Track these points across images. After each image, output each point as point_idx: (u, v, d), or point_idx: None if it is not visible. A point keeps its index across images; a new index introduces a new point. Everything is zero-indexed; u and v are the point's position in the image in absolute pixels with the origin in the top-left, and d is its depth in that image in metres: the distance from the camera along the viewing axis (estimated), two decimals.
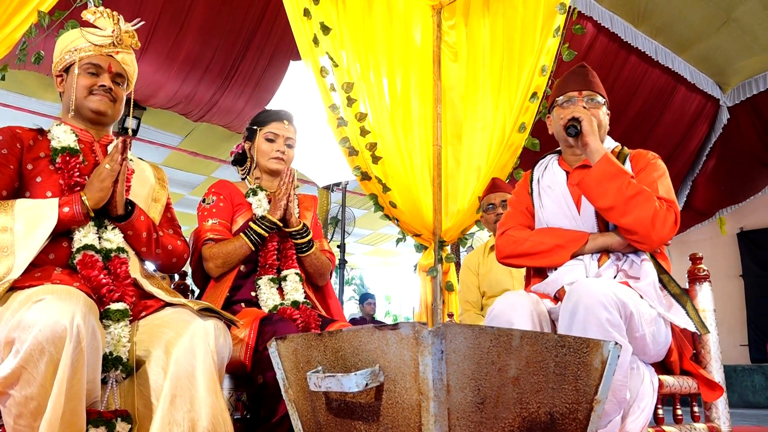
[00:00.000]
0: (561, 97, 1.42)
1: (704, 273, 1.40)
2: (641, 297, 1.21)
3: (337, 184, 4.18)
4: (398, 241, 2.77)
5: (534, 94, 2.50)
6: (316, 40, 2.42)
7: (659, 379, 1.20)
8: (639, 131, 4.84)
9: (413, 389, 0.74)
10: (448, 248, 2.73)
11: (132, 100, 1.42)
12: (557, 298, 1.30)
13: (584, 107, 1.38)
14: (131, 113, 1.45)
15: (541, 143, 2.53)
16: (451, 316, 2.62)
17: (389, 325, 0.76)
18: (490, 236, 2.47)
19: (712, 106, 5.16)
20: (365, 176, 2.53)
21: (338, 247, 3.83)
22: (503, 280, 2.26)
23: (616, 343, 0.83)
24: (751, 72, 5.01)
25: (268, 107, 2.81)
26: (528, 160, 2.45)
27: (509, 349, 0.78)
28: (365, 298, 5.95)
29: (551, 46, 2.45)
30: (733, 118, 5.22)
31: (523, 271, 2.24)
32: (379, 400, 0.79)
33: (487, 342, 0.76)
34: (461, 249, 3.62)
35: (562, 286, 1.28)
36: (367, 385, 0.77)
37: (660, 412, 1.22)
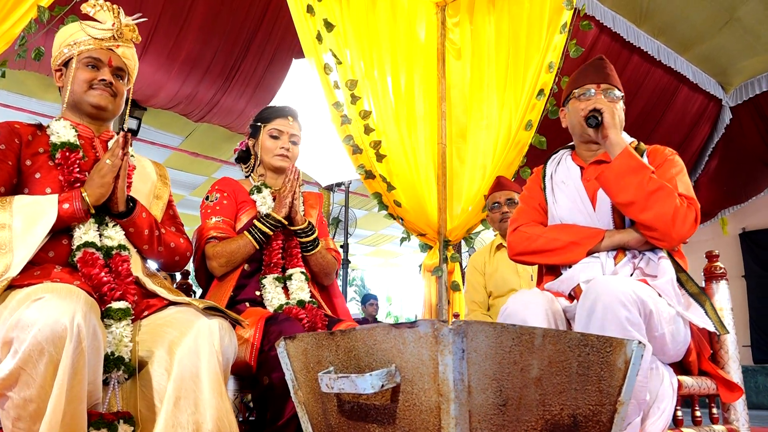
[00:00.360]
0: (578, 90, 1.38)
1: (721, 271, 1.37)
2: (659, 295, 1.17)
3: (339, 185, 4.15)
4: (402, 240, 2.74)
5: (541, 91, 2.47)
6: (319, 37, 2.39)
7: (678, 380, 1.16)
8: (641, 131, 4.82)
9: (432, 390, 0.70)
10: (452, 248, 2.70)
11: (130, 100, 1.38)
12: (572, 296, 1.26)
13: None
14: (128, 113, 1.42)
15: (548, 141, 2.50)
16: (456, 316, 2.58)
17: (406, 323, 0.73)
18: (495, 235, 2.44)
19: (714, 106, 5.15)
20: (369, 174, 2.50)
21: (341, 247, 3.80)
22: (510, 279, 2.23)
23: (640, 342, 0.80)
24: (753, 72, 5.00)
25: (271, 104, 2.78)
26: (534, 158, 2.42)
27: (531, 348, 0.74)
28: (367, 299, 5.91)
29: (558, 42, 2.42)
30: (736, 118, 5.21)
31: (530, 270, 2.22)
32: (396, 401, 0.75)
33: (509, 341, 0.72)
34: (462, 249, 3.59)
35: (578, 284, 1.24)
36: (382, 386, 0.74)
37: (679, 413, 1.18)
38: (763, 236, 6.52)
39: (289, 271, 1.54)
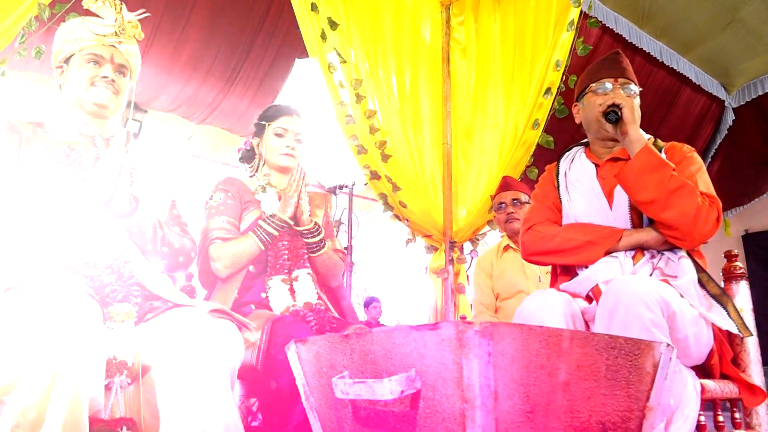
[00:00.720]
0: (594, 84, 1.35)
1: (741, 271, 1.33)
2: (681, 296, 1.14)
3: (341, 187, 4.10)
4: (408, 242, 2.70)
5: (548, 90, 2.44)
6: (323, 36, 2.36)
7: (700, 384, 1.13)
8: (644, 132, 4.80)
9: (456, 396, 0.66)
10: (458, 249, 2.66)
11: (133, 97, 1.34)
12: (590, 297, 1.22)
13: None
14: (132, 116, 1.38)
15: (555, 140, 2.47)
16: (463, 318, 2.55)
17: (427, 325, 0.69)
18: (502, 237, 2.40)
19: (717, 107, 5.13)
20: (375, 175, 2.46)
21: (345, 249, 3.75)
22: (518, 281, 2.19)
23: (668, 345, 0.76)
24: (756, 73, 4.98)
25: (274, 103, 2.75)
26: (540, 158, 2.39)
27: (559, 351, 0.70)
28: (370, 302, 5.82)
29: (565, 40, 2.39)
30: (738, 119, 5.18)
31: (538, 271, 2.18)
32: (416, 408, 0.71)
33: (537, 343, 0.69)
34: (464, 252, 3.55)
35: (596, 285, 1.20)
36: (402, 392, 0.70)
37: (701, 418, 1.14)
38: (766, 238, 6.48)
39: (296, 273, 1.50)
